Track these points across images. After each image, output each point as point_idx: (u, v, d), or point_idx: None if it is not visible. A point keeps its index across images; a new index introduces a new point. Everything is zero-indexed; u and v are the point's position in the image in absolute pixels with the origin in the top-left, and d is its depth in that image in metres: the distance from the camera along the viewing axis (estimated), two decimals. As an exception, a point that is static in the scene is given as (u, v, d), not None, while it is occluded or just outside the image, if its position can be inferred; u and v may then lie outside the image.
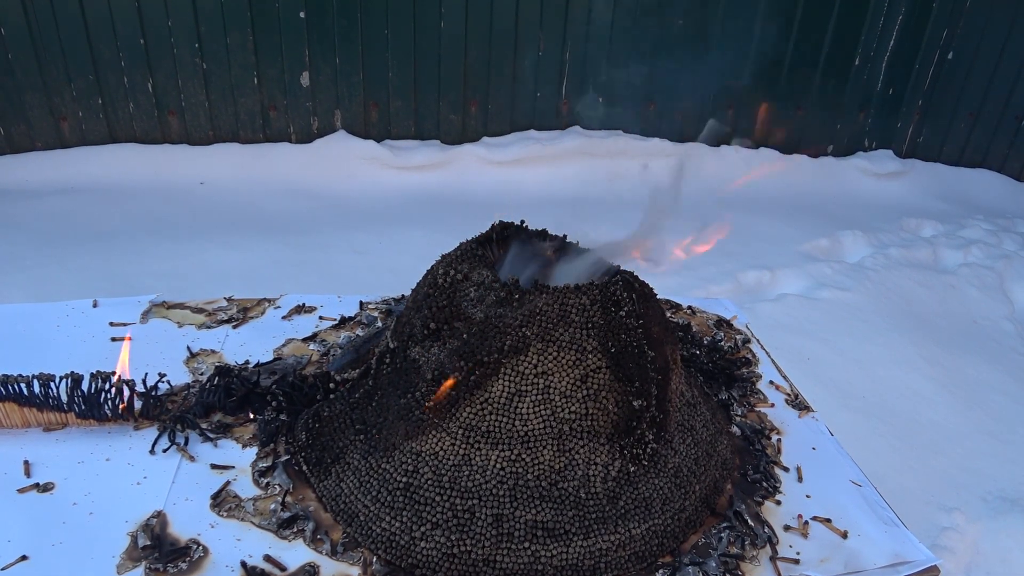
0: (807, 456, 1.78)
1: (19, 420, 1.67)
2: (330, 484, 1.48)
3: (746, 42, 5.59)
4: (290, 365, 1.88)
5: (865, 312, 4.12)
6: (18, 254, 4.07)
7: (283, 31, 5.11)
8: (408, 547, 1.36)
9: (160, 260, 4.10)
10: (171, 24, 4.99)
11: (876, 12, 5.59)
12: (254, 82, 5.26)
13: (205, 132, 5.39)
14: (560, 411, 1.38)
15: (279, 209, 4.89)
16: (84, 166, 5.16)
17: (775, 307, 4.03)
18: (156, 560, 1.35)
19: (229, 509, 1.47)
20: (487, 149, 5.46)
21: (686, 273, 4.24)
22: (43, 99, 5.13)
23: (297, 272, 4.07)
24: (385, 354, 1.55)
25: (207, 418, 1.71)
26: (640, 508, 1.43)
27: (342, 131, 5.48)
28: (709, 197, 5.12)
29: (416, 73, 5.38)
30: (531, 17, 5.29)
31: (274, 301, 2.20)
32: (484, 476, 1.38)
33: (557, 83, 5.57)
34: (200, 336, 2.03)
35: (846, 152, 6.20)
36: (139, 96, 5.20)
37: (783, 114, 5.96)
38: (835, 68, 5.80)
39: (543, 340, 1.37)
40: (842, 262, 4.66)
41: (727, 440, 1.73)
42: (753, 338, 2.24)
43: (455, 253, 1.52)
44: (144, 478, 1.55)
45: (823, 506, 1.62)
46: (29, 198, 4.84)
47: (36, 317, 2.09)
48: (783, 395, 2.00)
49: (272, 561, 1.36)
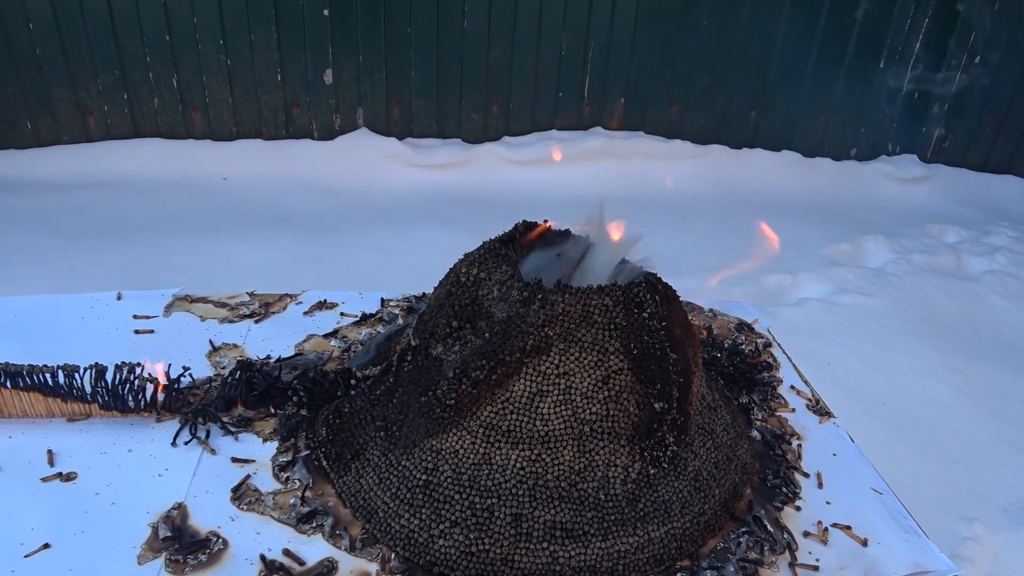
0: (828, 462, 1.77)
1: (43, 410, 1.69)
2: (350, 480, 1.48)
3: (770, 44, 5.56)
4: (311, 361, 1.88)
5: (887, 318, 4.08)
6: (43, 246, 4.11)
7: (307, 29, 5.14)
8: (426, 544, 1.36)
9: (182, 254, 4.13)
10: (196, 20, 5.03)
11: (902, 15, 5.54)
12: (277, 79, 5.29)
13: (228, 128, 5.43)
14: (581, 412, 1.37)
15: (300, 205, 4.92)
16: (109, 160, 5.21)
17: (796, 311, 4.00)
18: (176, 552, 1.36)
19: (249, 503, 1.48)
20: (508, 148, 5.46)
21: (706, 275, 4.22)
22: (69, 93, 5.18)
23: (317, 269, 4.09)
24: (407, 351, 1.56)
25: (228, 412, 1.72)
26: (659, 511, 1.43)
27: (364, 129, 5.50)
28: (734, 200, 5.04)
29: (438, 72, 5.40)
30: (554, 17, 5.29)
31: (296, 297, 2.21)
32: (504, 475, 1.37)
33: (579, 83, 5.56)
34: (222, 330, 2.04)
35: (869, 156, 6.14)
36: (164, 91, 5.25)
37: (807, 117, 5.92)
38: (860, 71, 5.75)
39: (565, 340, 1.37)
40: (864, 267, 4.61)
41: (747, 444, 1.72)
42: (774, 342, 2.22)
43: (478, 252, 1.52)
44: (165, 470, 1.56)
45: (843, 513, 1.60)
46: (54, 191, 4.90)
47: (61, 308, 2.11)
48: (804, 400, 1.99)
49: (291, 555, 1.37)
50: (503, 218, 1.94)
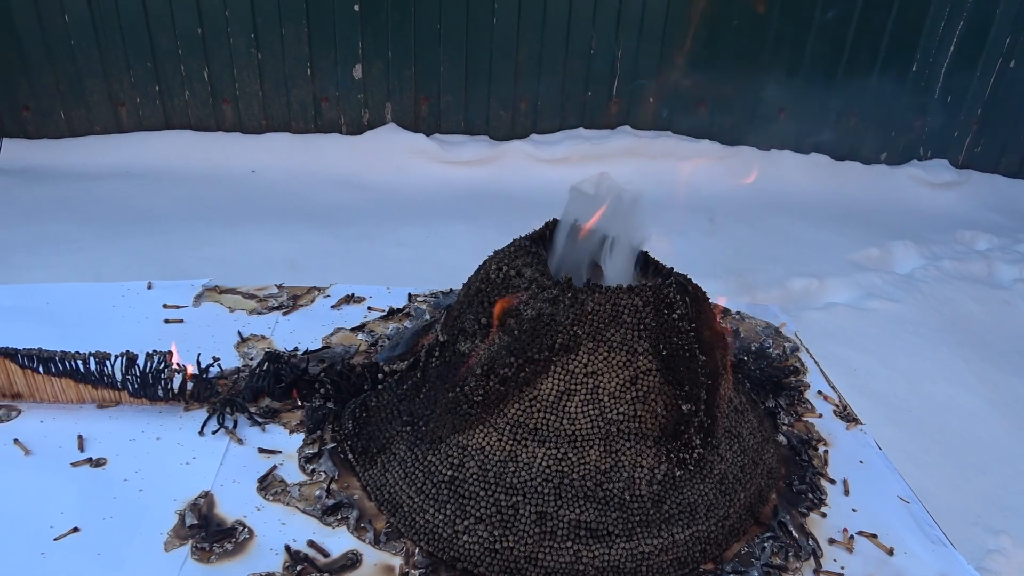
0: (854, 469, 1.75)
1: (74, 396, 1.71)
2: (375, 474, 1.49)
3: (801, 45, 5.51)
4: (338, 354, 1.89)
5: (915, 325, 4.03)
6: (75, 234, 4.17)
7: (337, 24, 5.16)
8: (451, 540, 1.37)
9: (210, 245, 4.17)
10: (228, 14, 5.07)
11: (936, 18, 5.46)
12: (307, 73, 5.32)
13: (258, 121, 5.47)
14: (608, 412, 1.37)
15: (328, 199, 4.94)
16: (140, 151, 5.27)
17: (822, 316, 3.97)
18: (203, 539, 1.37)
19: (275, 493, 1.49)
20: (536, 146, 5.45)
21: (733, 278, 4.19)
22: (103, 85, 5.25)
23: (343, 262, 4.11)
24: (434, 347, 1.56)
25: (255, 403, 1.73)
26: (684, 513, 1.42)
27: (392, 124, 5.52)
28: (762, 202, 4.98)
29: (467, 68, 5.40)
30: (584, 15, 5.27)
31: (324, 290, 2.23)
32: (529, 473, 1.37)
33: (608, 82, 5.54)
34: (251, 321, 2.06)
35: (900, 160, 6.06)
36: (195, 84, 5.30)
37: (836, 119, 5.86)
38: (892, 74, 5.68)
39: (594, 340, 1.36)
40: (892, 273, 4.56)
41: (773, 449, 1.71)
42: (802, 346, 2.20)
43: (508, 249, 1.52)
44: (193, 458, 1.57)
45: (869, 521, 1.58)
46: (86, 180, 4.97)
47: (93, 296, 2.14)
48: (831, 406, 1.97)
49: (316, 547, 1.38)
50: (529, 216, 1.94)
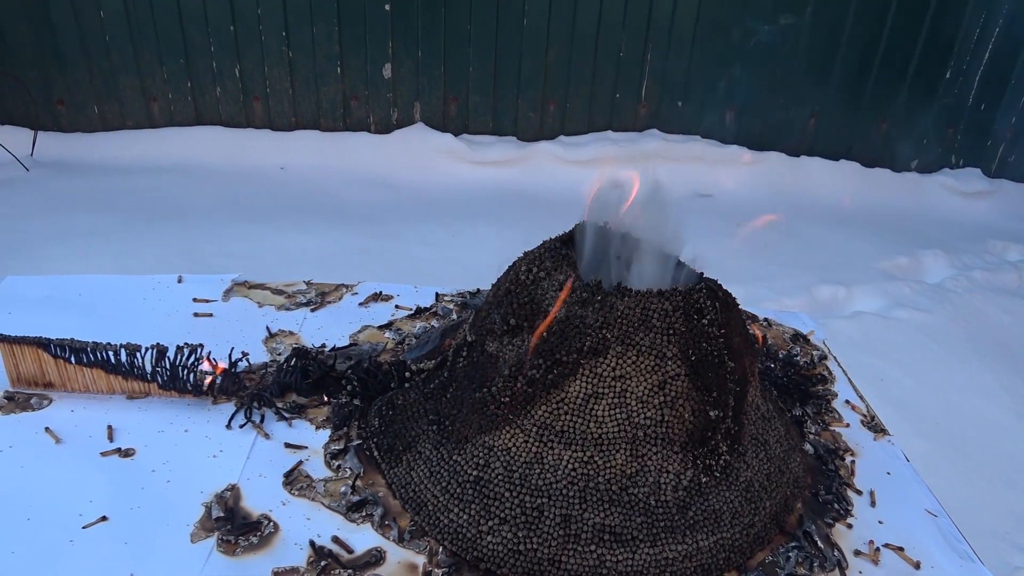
0: (881, 481, 1.73)
1: (105, 386, 1.73)
2: (400, 472, 1.50)
3: (833, 51, 5.46)
4: (366, 351, 1.90)
5: (943, 336, 3.98)
6: (106, 227, 4.22)
7: (368, 23, 5.19)
8: (475, 540, 1.37)
9: (238, 241, 4.21)
10: (260, 12, 5.12)
11: (971, 25, 5.39)
12: (337, 72, 5.36)
13: (288, 119, 5.52)
14: (636, 416, 1.37)
15: (355, 197, 4.97)
16: (171, 146, 5.34)
17: (849, 324, 3.92)
18: (228, 532, 1.38)
19: (300, 488, 1.50)
20: (563, 148, 5.45)
21: (759, 284, 4.16)
22: (136, 80, 5.32)
23: (369, 260, 4.13)
24: (462, 347, 1.56)
25: (282, 398, 1.75)
26: (709, 520, 1.41)
27: (421, 123, 5.54)
28: (790, 209, 4.93)
29: (496, 69, 5.41)
30: (614, 18, 5.26)
31: (352, 287, 2.24)
32: (555, 475, 1.37)
33: (637, 85, 5.53)
34: (279, 317, 2.07)
35: (931, 168, 5.99)
36: (226, 81, 5.35)
37: (867, 126, 5.80)
38: (924, 81, 5.61)
39: (623, 343, 1.36)
40: (922, 282, 4.50)
41: (800, 458, 1.69)
42: (830, 355, 2.18)
43: (538, 251, 1.51)
44: (220, 451, 1.59)
45: (896, 534, 1.56)
46: (118, 174, 5.03)
47: (124, 288, 2.17)
48: (859, 416, 1.95)
49: (340, 543, 1.38)
50: (556, 217, 1.94)
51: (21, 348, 1.69)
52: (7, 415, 1.65)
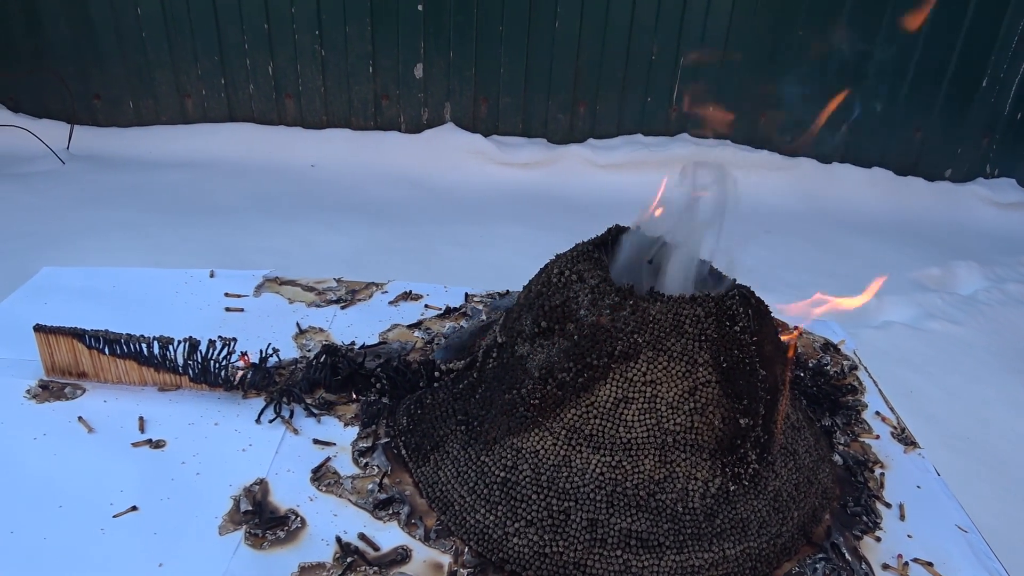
0: (911, 494, 1.70)
1: (137, 378, 1.75)
2: (428, 471, 1.50)
3: (867, 57, 5.40)
4: (395, 350, 1.91)
5: (976, 349, 3.92)
6: (139, 221, 4.28)
7: (400, 23, 5.22)
8: (501, 541, 1.37)
9: (268, 237, 4.24)
10: (294, 11, 5.16)
11: (1009, 32, 5.30)
12: (369, 71, 5.39)
13: (319, 117, 5.56)
14: (665, 422, 1.36)
15: (385, 196, 4.99)
16: (204, 142, 5.40)
17: (879, 335, 3.87)
18: (256, 526, 1.39)
19: (328, 485, 1.51)
20: (593, 151, 5.44)
21: (787, 292, 4.12)
22: (171, 76, 5.39)
23: (398, 259, 4.15)
24: (492, 348, 1.56)
25: (312, 394, 1.76)
26: (736, 529, 1.40)
27: (451, 124, 5.56)
28: (821, 216, 4.88)
29: (527, 71, 5.41)
30: (646, 22, 5.24)
31: (382, 286, 2.25)
32: (583, 479, 1.37)
33: (668, 89, 5.50)
34: (309, 314, 2.09)
35: (965, 178, 5.90)
36: (259, 78, 5.41)
37: (901, 133, 5.72)
38: (960, 89, 5.53)
39: (654, 348, 1.35)
40: (954, 294, 4.44)
41: (829, 468, 1.68)
42: (861, 365, 2.16)
43: (570, 253, 1.51)
44: (249, 445, 1.60)
45: (925, 548, 1.54)
46: (152, 169, 5.10)
47: (157, 281, 2.19)
48: (889, 428, 1.92)
49: (366, 540, 1.39)
50: (585, 220, 1.94)
51: (57, 338, 1.71)
52: (42, 403, 1.68)
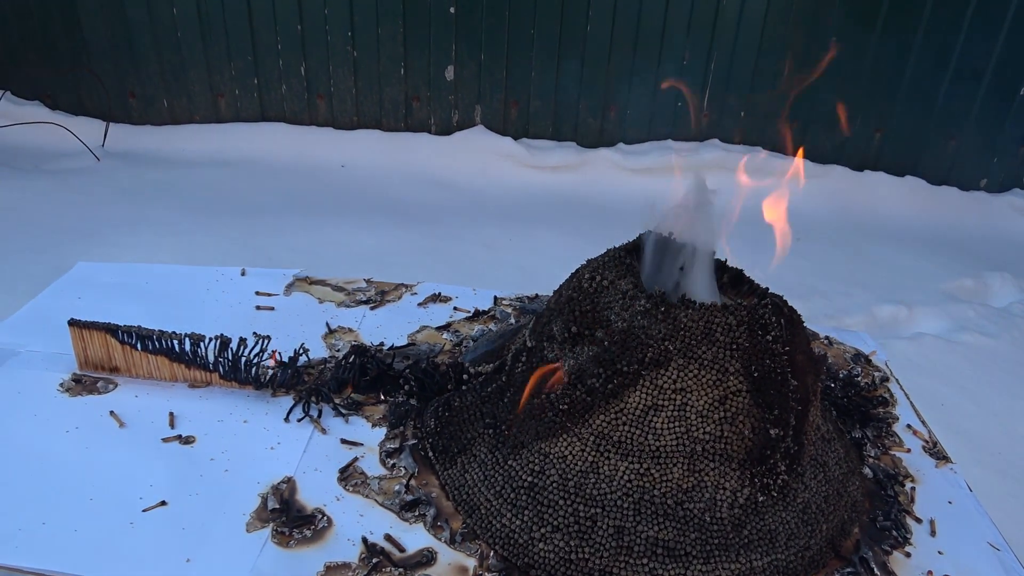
0: (942, 510, 1.67)
1: (168, 374, 1.77)
2: (454, 473, 1.50)
3: (901, 64, 5.33)
4: (424, 352, 1.91)
5: (1009, 362, 3.85)
6: (172, 218, 4.33)
7: (432, 25, 5.24)
8: (526, 546, 1.37)
9: (298, 236, 4.27)
10: (327, 12, 5.20)
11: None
12: (400, 73, 5.41)
13: (350, 117, 5.59)
14: (695, 430, 1.35)
15: (414, 197, 5.01)
16: (236, 141, 5.46)
17: (910, 346, 3.82)
18: (283, 524, 1.40)
19: (355, 485, 1.52)
20: (623, 155, 5.42)
21: (818, 300, 4.08)
22: (204, 76, 5.45)
23: (427, 260, 4.16)
24: (521, 352, 1.56)
25: (340, 394, 1.77)
26: (764, 540, 1.38)
27: (481, 126, 5.57)
28: (852, 224, 4.81)
29: (558, 74, 5.40)
30: (678, 26, 5.21)
31: (411, 287, 2.26)
32: (610, 486, 1.36)
33: (700, 94, 5.47)
34: (339, 314, 2.10)
35: (1001, 188, 5.79)
36: (292, 79, 5.45)
37: (935, 142, 5.64)
38: (996, 98, 5.43)
39: (685, 356, 1.34)
40: (987, 306, 4.36)
41: (859, 481, 1.65)
42: (892, 377, 2.13)
43: (602, 259, 1.51)
44: (278, 443, 1.61)
45: (956, 565, 1.51)
46: (184, 167, 5.16)
47: (189, 279, 2.22)
48: (920, 441, 1.89)
49: (392, 541, 1.39)
50: (614, 225, 1.92)
51: (90, 333, 1.74)
52: (74, 397, 1.71)
